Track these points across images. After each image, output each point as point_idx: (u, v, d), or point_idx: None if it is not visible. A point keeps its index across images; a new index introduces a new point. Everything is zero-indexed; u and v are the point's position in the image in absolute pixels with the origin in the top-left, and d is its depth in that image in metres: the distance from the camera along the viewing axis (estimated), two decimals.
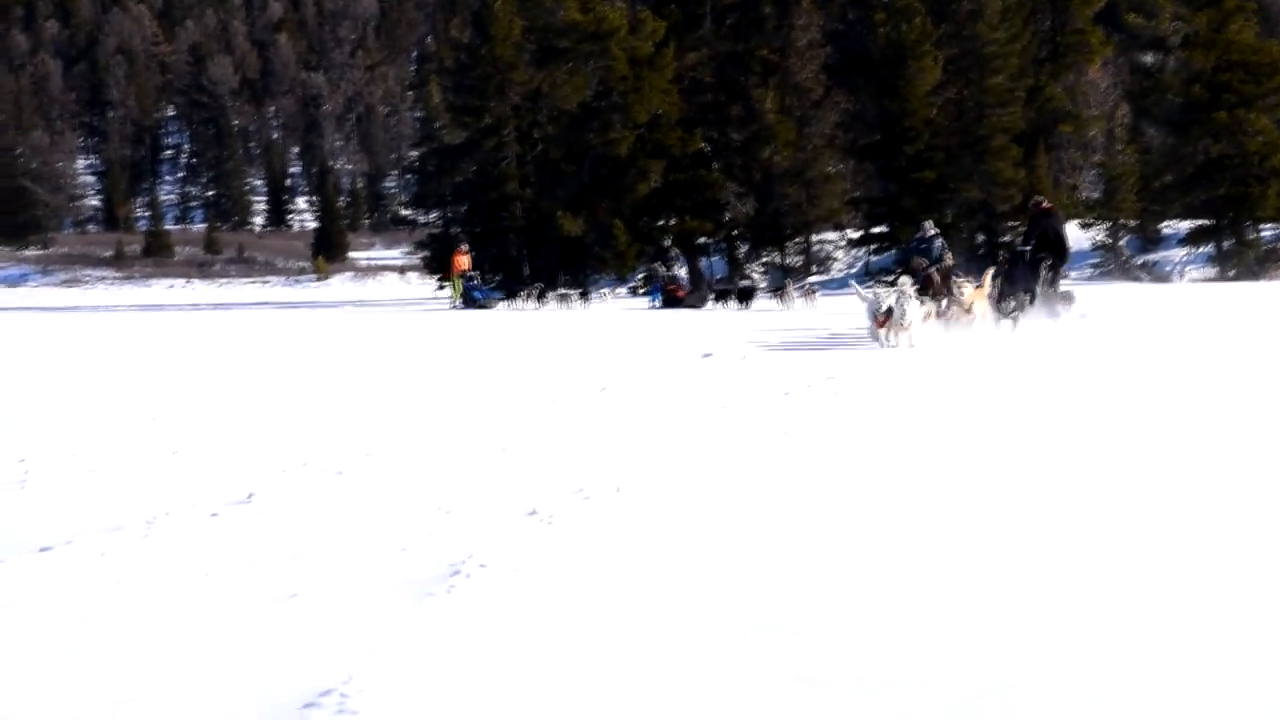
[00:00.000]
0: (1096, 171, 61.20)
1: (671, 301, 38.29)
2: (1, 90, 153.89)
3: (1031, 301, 21.40)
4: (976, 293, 20.18)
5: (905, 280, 19.15)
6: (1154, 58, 59.20)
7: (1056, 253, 22.49)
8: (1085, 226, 55.25)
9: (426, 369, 16.02)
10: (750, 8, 58.65)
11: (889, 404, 10.67)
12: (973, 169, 55.33)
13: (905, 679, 3.83)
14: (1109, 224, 55.04)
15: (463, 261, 44.06)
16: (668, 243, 54.92)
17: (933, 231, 25.27)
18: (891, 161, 56.29)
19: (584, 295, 40.46)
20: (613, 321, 29.14)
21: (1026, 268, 22.08)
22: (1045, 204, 23.39)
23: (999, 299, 21.17)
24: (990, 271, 21.49)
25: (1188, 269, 53.44)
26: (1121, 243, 55.18)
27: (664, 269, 41.27)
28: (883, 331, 17.16)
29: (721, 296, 37.64)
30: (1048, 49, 62.56)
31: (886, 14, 56.73)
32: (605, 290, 49.23)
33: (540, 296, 40.58)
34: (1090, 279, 44.33)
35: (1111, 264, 53.71)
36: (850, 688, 3.77)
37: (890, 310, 17.15)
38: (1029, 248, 22.55)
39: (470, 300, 42.15)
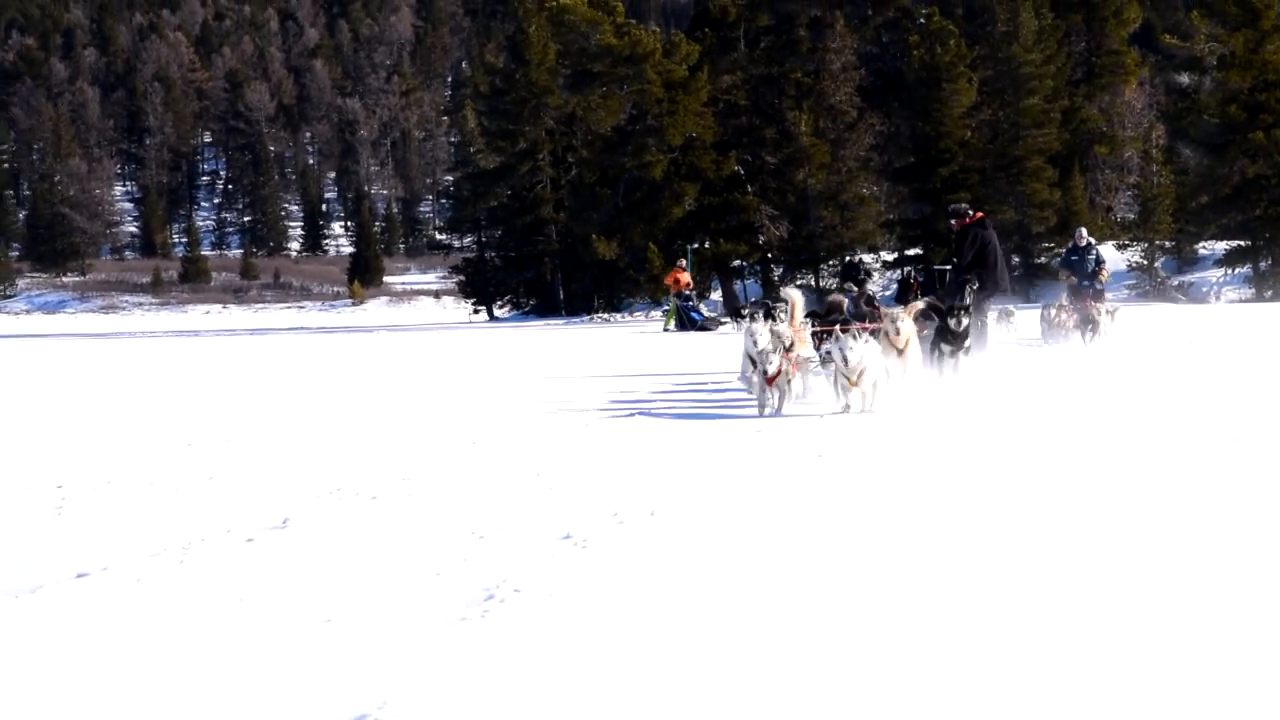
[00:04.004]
0: (1132, 192, 61.15)
1: None
2: (40, 118, 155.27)
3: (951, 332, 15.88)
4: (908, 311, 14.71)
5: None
6: (1190, 78, 59.06)
7: (984, 272, 18.24)
8: (1121, 248, 55.15)
9: (463, 392, 16.04)
10: (784, 31, 58.78)
11: (927, 428, 10.62)
12: (1008, 191, 55.28)
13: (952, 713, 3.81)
14: (1145, 245, 54.85)
15: (683, 278, 40.05)
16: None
17: (1087, 240, 23.40)
18: (926, 183, 56.30)
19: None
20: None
21: (946, 291, 18.05)
22: (975, 213, 18.83)
23: (945, 314, 15.72)
24: (916, 307, 15.52)
25: (1224, 290, 53.18)
26: (1157, 264, 55.00)
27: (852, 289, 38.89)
28: (771, 392, 12.34)
29: None
30: (1083, 70, 62.56)
31: (921, 36, 56.79)
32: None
33: (769, 317, 37.22)
34: (1126, 300, 44.12)
35: (1147, 285, 53.54)
36: (889, 712, 3.76)
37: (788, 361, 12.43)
38: (948, 266, 19.03)
39: (687, 321, 38.47)
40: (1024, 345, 22.45)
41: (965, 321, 15.42)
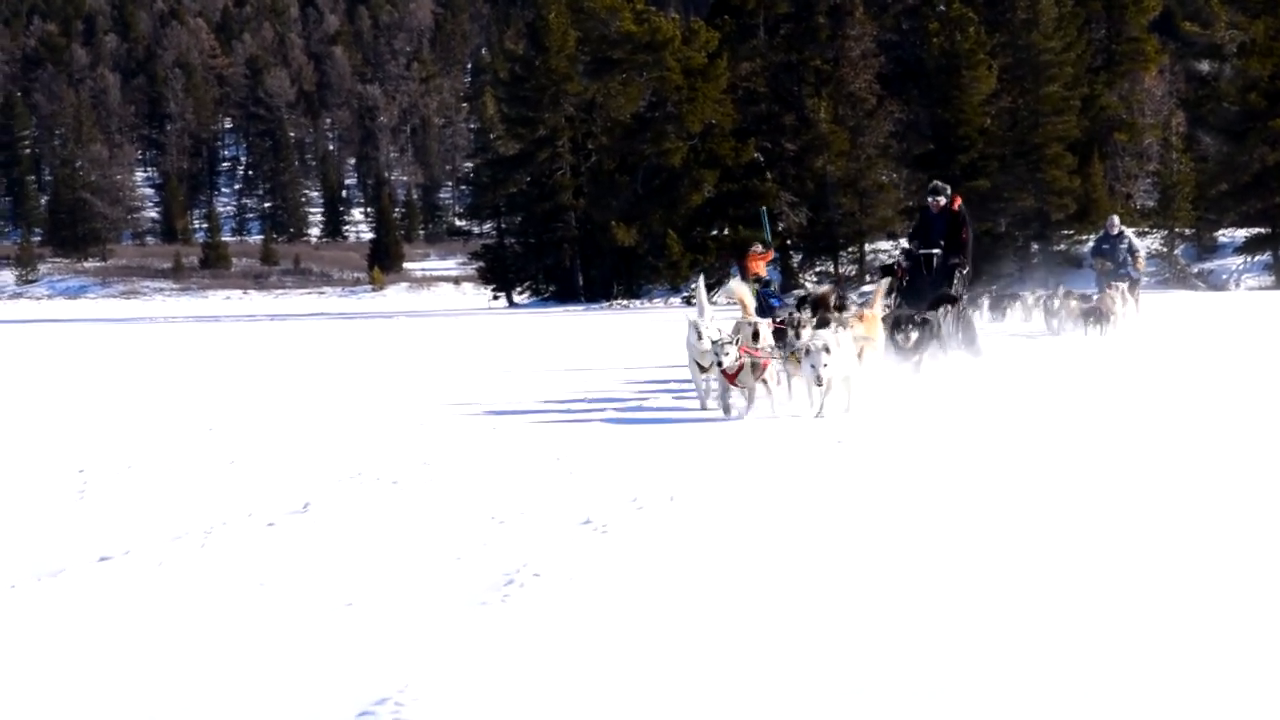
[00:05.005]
0: (1152, 180, 60.99)
1: None
2: (61, 104, 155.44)
3: (937, 328, 14.99)
4: (865, 320, 12.92)
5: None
6: (1210, 65, 58.92)
7: (966, 259, 17.08)
8: (1141, 235, 54.98)
9: (483, 378, 16.05)
10: (804, 18, 58.70)
11: (947, 415, 10.60)
12: (1027, 178, 55.15)
13: (977, 698, 3.82)
14: (1165, 232, 54.74)
15: (758, 265, 37.04)
16: None
17: (1118, 229, 22.94)
18: (945, 171, 56.04)
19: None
20: None
21: (935, 278, 16.84)
22: (956, 200, 17.52)
23: (894, 326, 14.16)
24: (883, 285, 14.91)
25: (1244, 277, 53.05)
26: (1177, 251, 54.86)
27: None
28: (735, 392, 10.73)
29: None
30: (1102, 57, 62.33)
31: (940, 23, 56.64)
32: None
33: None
34: (1146, 287, 44.02)
35: (1167, 272, 53.41)
36: (910, 698, 3.76)
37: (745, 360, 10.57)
38: (935, 251, 17.23)
39: (768, 310, 35.16)
40: (1027, 338, 22.24)
41: (914, 335, 14.05)
